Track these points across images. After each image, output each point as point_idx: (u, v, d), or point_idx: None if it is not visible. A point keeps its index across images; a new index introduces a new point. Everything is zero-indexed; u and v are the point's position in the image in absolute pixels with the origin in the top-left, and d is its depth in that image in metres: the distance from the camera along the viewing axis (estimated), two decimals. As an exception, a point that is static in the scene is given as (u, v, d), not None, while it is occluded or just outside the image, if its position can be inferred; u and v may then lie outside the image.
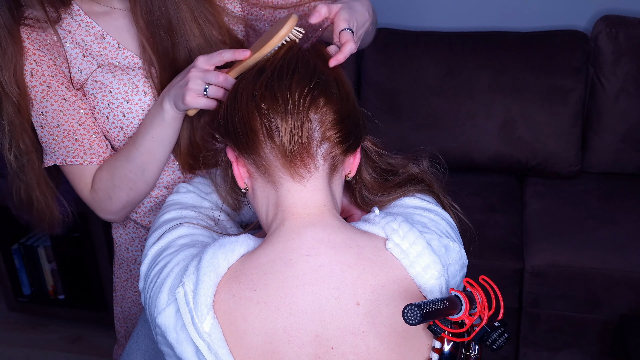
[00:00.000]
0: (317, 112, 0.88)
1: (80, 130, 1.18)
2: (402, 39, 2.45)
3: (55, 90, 1.17)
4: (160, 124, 1.12)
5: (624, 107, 2.29)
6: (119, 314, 1.51)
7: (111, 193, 1.20)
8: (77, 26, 1.17)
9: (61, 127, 1.18)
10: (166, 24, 1.11)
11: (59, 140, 1.19)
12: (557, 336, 2.07)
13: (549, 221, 2.15)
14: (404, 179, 1.02)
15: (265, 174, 0.90)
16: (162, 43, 1.12)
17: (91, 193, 1.22)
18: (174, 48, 1.13)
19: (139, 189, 1.20)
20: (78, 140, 1.19)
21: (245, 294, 0.85)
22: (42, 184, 1.24)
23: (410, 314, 0.74)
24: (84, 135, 1.19)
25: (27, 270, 2.59)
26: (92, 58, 1.17)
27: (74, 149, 1.19)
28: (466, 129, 2.37)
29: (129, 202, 1.22)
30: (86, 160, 1.19)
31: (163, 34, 1.12)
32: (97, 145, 1.20)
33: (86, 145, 1.19)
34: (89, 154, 1.19)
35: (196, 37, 1.13)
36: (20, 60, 1.13)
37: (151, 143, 1.15)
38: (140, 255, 1.39)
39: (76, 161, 1.19)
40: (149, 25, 1.11)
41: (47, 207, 1.27)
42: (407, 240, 0.88)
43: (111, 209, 1.23)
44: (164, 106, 1.10)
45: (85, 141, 1.19)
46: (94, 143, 1.19)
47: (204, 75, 1.03)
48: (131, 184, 1.19)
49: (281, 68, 0.91)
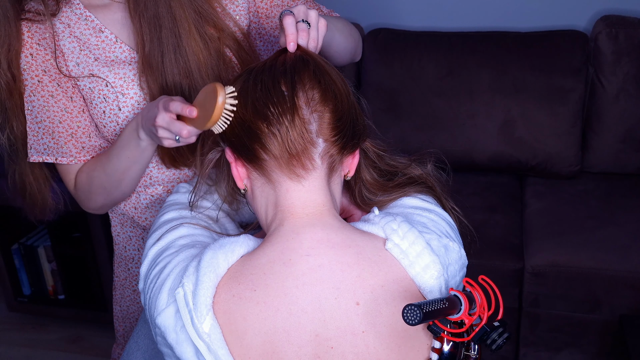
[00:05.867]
0: (314, 112, 0.88)
1: (59, 128, 1.19)
2: (402, 39, 2.45)
3: (45, 86, 1.17)
4: (136, 149, 1.14)
5: (624, 107, 2.29)
6: (118, 313, 1.51)
7: (89, 195, 1.24)
8: (76, 19, 1.18)
9: (42, 124, 1.19)
10: (161, 18, 1.11)
11: (39, 137, 1.20)
12: (557, 336, 2.07)
13: (549, 221, 2.15)
14: (405, 180, 1.01)
15: (263, 175, 0.91)
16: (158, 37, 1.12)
17: (74, 190, 1.26)
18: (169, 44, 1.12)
19: (115, 196, 1.24)
20: (54, 138, 1.20)
21: (245, 294, 0.85)
22: (35, 170, 1.27)
23: (410, 314, 0.74)
24: (60, 134, 1.19)
25: (27, 270, 2.59)
26: (90, 52, 1.18)
27: (49, 147, 1.20)
28: (466, 129, 2.37)
29: (106, 204, 1.27)
30: (57, 158, 1.21)
31: (159, 29, 1.11)
32: (72, 146, 1.20)
33: (60, 144, 1.20)
34: (61, 152, 1.21)
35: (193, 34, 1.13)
36: (16, 44, 1.14)
37: (127, 162, 1.16)
38: (137, 254, 1.39)
39: (50, 159, 1.21)
40: (143, 20, 1.11)
41: (39, 193, 1.28)
42: (407, 240, 0.88)
43: (92, 206, 1.27)
44: (140, 135, 1.11)
45: (60, 139, 1.20)
46: (69, 143, 1.20)
47: (168, 126, 1.01)
48: (107, 193, 1.23)
49: (278, 69, 0.90)
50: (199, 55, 1.13)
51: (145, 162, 1.18)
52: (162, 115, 1.01)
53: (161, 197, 1.29)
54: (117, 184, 1.20)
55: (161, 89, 1.14)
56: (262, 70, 0.91)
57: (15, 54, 1.14)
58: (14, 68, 1.15)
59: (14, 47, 1.14)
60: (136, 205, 1.31)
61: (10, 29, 1.12)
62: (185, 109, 0.96)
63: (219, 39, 1.16)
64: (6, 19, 1.12)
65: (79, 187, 1.24)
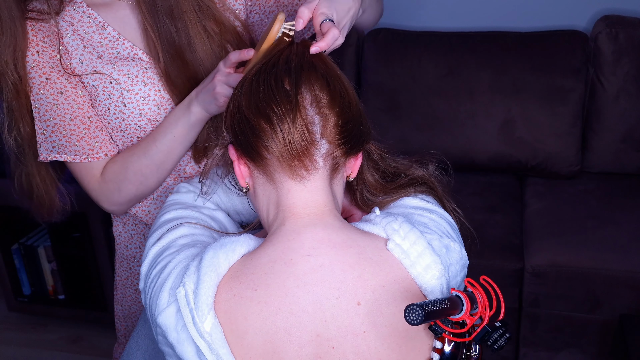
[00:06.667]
0: (318, 114, 0.88)
1: (71, 126, 1.19)
2: (402, 39, 2.45)
3: (54, 82, 1.17)
4: (185, 126, 1.17)
5: (624, 107, 2.29)
6: (120, 313, 1.51)
7: (121, 185, 1.22)
8: (79, 17, 1.18)
9: (51, 122, 1.19)
10: (168, 9, 1.13)
11: (47, 135, 1.20)
12: (557, 336, 2.07)
13: (549, 221, 2.15)
14: (407, 181, 1.02)
15: (265, 174, 0.91)
16: (166, 28, 1.14)
17: (101, 183, 1.24)
18: (178, 34, 1.14)
19: (150, 184, 1.23)
20: (66, 136, 1.19)
21: (246, 293, 0.85)
22: (42, 171, 1.26)
23: (412, 314, 0.74)
24: (72, 132, 1.19)
25: (27, 270, 2.59)
26: (93, 49, 1.18)
27: (60, 145, 1.20)
28: (466, 129, 2.37)
29: (136, 196, 1.25)
30: (70, 157, 1.20)
31: (167, 19, 1.13)
32: (84, 143, 1.20)
33: (73, 141, 1.20)
34: (74, 151, 1.20)
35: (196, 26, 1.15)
36: (22, 44, 1.14)
37: (172, 142, 1.18)
38: (139, 252, 1.39)
39: (61, 157, 1.21)
40: (151, 11, 1.13)
41: (46, 194, 1.28)
42: (408, 240, 0.88)
43: (118, 200, 1.25)
44: (191, 109, 1.15)
45: (72, 137, 1.19)
46: (82, 140, 1.20)
47: (226, 79, 1.08)
48: (143, 178, 1.21)
49: (283, 69, 0.90)
50: (206, 50, 1.17)
51: (188, 143, 1.20)
52: (222, 71, 1.09)
53: (168, 186, 1.30)
54: (156, 169, 1.21)
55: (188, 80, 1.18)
56: (266, 69, 0.91)
57: (21, 54, 1.15)
58: (21, 69, 1.15)
59: (20, 47, 1.14)
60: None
61: (16, 28, 1.13)
62: (242, 52, 1.06)
63: (220, 34, 1.17)
64: (12, 19, 1.12)
65: (110, 178, 1.22)
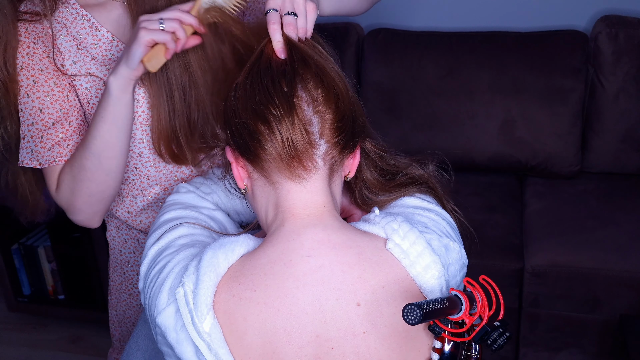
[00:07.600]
0: (315, 113, 0.88)
1: (50, 130, 1.16)
2: (402, 39, 2.45)
3: (41, 85, 1.15)
4: (107, 100, 1.07)
5: (624, 107, 2.29)
6: (114, 318, 1.50)
7: (72, 186, 1.15)
8: (72, 19, 1.17)
9: (34, 127, 1.16)
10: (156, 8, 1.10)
11: (26, 140, 1.17)
12: (557, 336, 2.07)
13: (549, 221, 2.15)
14: (406, 180, 1.01)
15: (264, 175, 0.90)
16: None
17: (57, 192, 1.19)
18: None
19: (99, 179, 1.14)
20: (42, 141, 1.16)
21: (245, 294, 0.85)
22: (27, 171, 1.24)
23: (410, 313, 0.74)
24: (49, 136, 1.16)
25: (27, 270, 2.59)
26: (87, 51, 1.17)
27: (35, 151, 1.17)
28: (466, 129, 2.37)
29: (91, 196, 1.16)
30: (41, 162, 1.16)
31: None
32: (57, 147, 1.16)
33: (47, 147, 1.16)
34: (45, 156, 1.16)
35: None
36: (13, 43, 1.13)
37: (102, 125, 1.09)
38: (133, 257, 1.39)
39: (32, 163, 1.17)
40: (141, 11, 1.10)
41: (31, 195, 1.27)
42: (408, 240, 0.88)
43: (75, 204, 1.17)
44: (109, 78, 1.06)
45: (48, 142, 1.16)
46: (55, 145, 1.16)
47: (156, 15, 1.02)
48: (89, 174, 1.13)
49: (279, 69, 0.90)
50: (197, 48, 1.11)
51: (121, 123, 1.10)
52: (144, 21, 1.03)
53: (159, 197, 1.27)
54: (97, 161, 1.12)
55: (161, 84, 1.13)
56: (261, 70, 0.91)
57: (12, 53, 1.13)
58: (11, 67, 1.13)
59: (12, 46, 1.13)
60: (130, 209, 1.30)
61: (8, 26, 1.11)
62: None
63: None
64: (4, 17, 1.11)
65: (61, 181, 1.17)
